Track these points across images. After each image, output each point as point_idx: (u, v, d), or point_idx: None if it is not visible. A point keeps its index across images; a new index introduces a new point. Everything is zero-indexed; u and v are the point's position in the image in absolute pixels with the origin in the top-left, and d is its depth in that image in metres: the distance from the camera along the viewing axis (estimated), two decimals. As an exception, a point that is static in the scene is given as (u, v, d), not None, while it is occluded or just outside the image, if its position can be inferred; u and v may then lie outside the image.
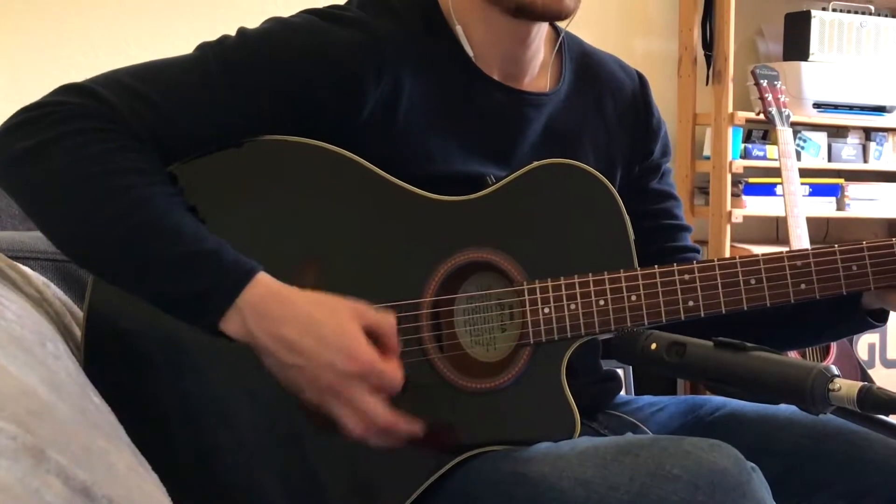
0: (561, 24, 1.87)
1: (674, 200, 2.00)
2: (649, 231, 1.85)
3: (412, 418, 1.55)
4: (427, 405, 1.61)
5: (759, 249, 3.77)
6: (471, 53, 1.76)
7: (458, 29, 1.76)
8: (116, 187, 1.51)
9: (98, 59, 3.82)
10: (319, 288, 1.58)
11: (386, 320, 1.55)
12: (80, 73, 1.62)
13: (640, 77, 2.00)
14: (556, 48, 1.88)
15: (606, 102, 1.91)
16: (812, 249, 1.69)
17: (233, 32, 1.67)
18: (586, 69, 1.92)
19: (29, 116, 1.54)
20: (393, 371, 1.52)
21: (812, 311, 1.78)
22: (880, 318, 1.80)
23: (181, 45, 1.66)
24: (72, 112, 1.53)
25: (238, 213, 1.65)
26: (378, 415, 1.51)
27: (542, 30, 1.81)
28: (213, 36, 1.66)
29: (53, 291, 1.68)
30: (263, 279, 1.52)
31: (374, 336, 1.53)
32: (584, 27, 1.98)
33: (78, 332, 1.63)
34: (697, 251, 1.98)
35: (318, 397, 1.52)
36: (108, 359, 1.60)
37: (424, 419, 1.56)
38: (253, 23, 1.70)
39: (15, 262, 1.67)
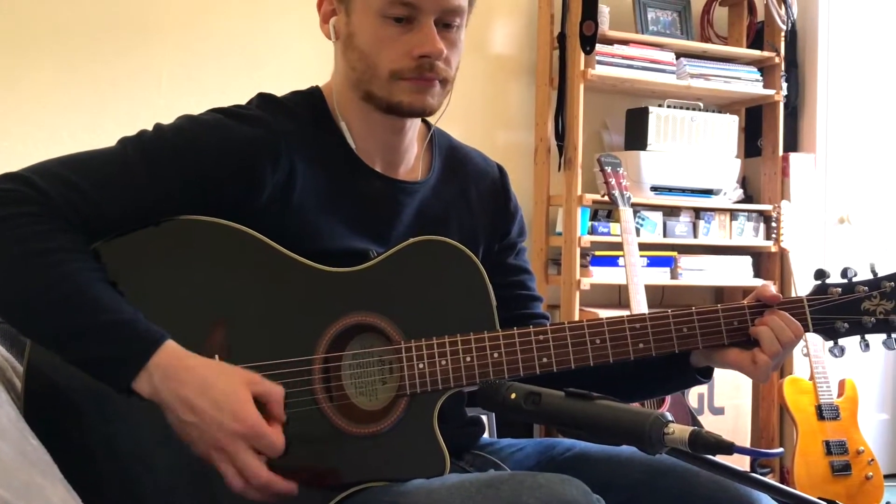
0: (430, 120, 1.94)
1: (528, 274, 2.05)
2: (507, 299, 1.90)
3: (288, 478, 1.56)
4: (317, 447, 1.65)
5: (604, 313, 3.81)
6: (353, 145, 1.82)
7: (343, 124, 1.82)
8: (47, 264, 1.54)
9: (36, 150, 3.82)
10: (225, 347, 1.62)
11: (275, 390, 1.58)
12: (20, 161, 1.66)
13: (500, 168, 2.06)
14: (427, 142, 1.95)
15: (470, 190, 1.97)
16: (649, 314, 1.76)
17: (150, 127, 1.72)
18: (453, 161, 1.98)
19: None
20: (275, 436, 1.54)
21: (651, 370, 1.85)
22: (706, 375, 1.87)
23: (106, 137, 1.69)
24: (8, 197, 1.56)
25: (153, 283, 1.67)
26: (255, 473, 1.53)
27: (414, 124, 1.88)
28: (134, 129, 1.71)
29: (-2, 350, 1.70)
30: (171, 346, 1.55)
31: (263, 403, 1.56)
32: (452, 122, 2.05)
33: (19, 384, 1.64)
34: (547, 318, 2.02)
35: (205, 451, 1.54)
36: (44, 407, 1.61)
37: (314, 459, 1.60)
38: (167, 120, 1.74)
39: (-37, 326, 1.68)
